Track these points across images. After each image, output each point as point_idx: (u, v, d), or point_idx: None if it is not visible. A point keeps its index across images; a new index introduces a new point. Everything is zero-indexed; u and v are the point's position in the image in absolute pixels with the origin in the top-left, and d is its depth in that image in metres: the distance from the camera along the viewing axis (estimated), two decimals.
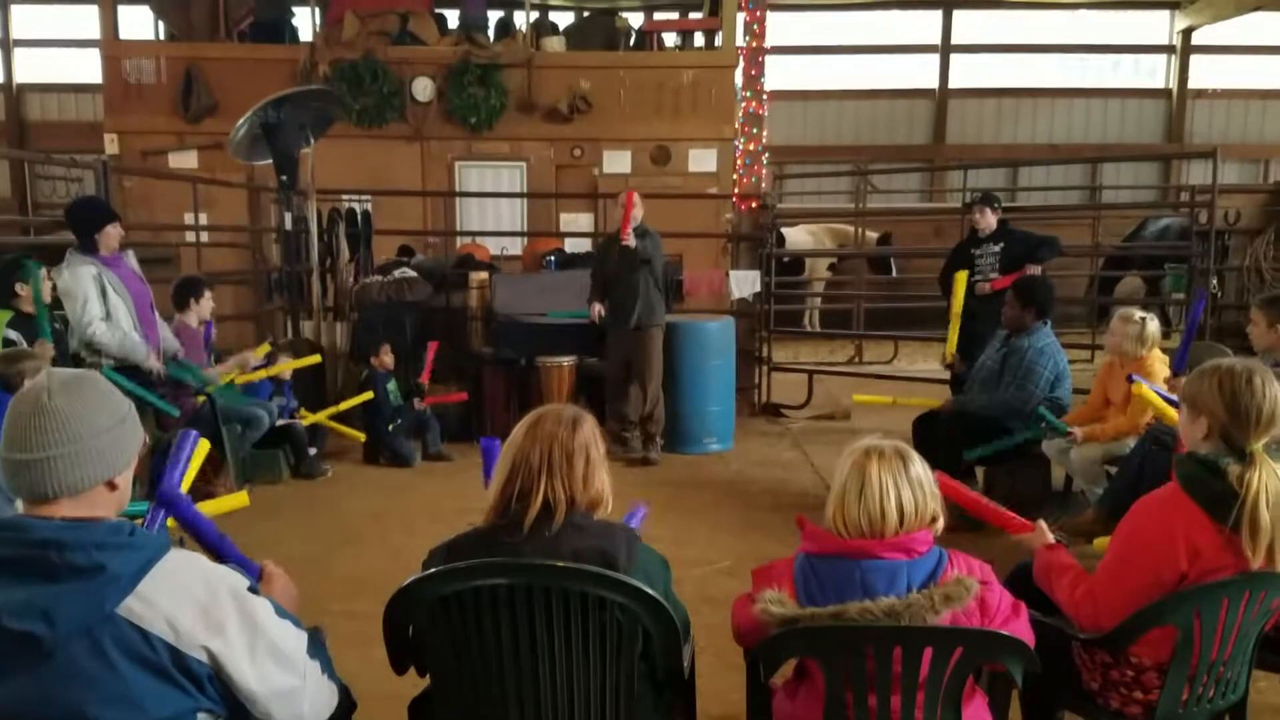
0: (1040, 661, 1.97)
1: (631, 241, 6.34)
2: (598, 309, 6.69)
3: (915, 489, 2.07)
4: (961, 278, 6.11)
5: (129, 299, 5.16)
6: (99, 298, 5.03)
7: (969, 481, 5.16)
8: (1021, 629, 2.06)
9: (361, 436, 6.58)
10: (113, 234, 5.13)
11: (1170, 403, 3.93)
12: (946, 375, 7.00)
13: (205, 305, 5.99)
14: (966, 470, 5.17)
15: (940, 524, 2.11)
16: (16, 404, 1.64)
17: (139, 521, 2.58)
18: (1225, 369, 2.29)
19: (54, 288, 4.96)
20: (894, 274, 12.41)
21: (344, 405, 6.70)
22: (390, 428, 6.62)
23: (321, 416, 6.51)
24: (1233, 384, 2.25)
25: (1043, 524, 2.64)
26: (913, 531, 2.06)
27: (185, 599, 1.61)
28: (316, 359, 6.81)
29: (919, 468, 2.11)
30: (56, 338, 4.87)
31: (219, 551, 2.04)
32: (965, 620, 2.00)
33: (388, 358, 6.83)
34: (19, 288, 4.83)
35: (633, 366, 6.61)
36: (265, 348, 6.38)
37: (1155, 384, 4.65)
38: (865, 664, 1.95)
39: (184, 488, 2.82)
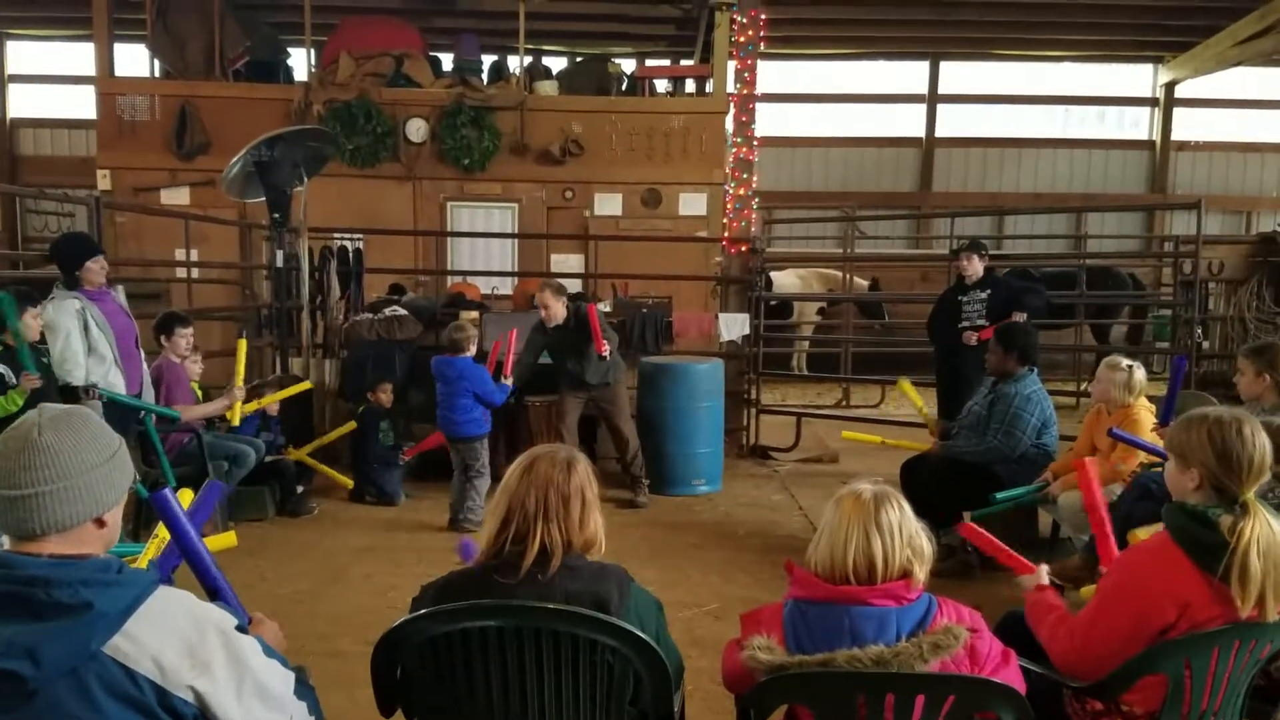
0: (1031, 709, 1.97)
1: (606, 353, 6.29)
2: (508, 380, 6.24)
3: (888, 537, 2.05)
4: (906, 387, 6.39)
5: (111, 334, 5.14)
6: (80, 333, 5.01)
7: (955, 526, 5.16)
8: (1012, 677, 2.05)
9: (349, 483, 6.54)
10: (94, 269, 5.11)
11: (1156, 454, 3.94)
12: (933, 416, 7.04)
13: (179, 342, 5.91)
14: (955, 515, 5.17)
15: (919, 577, 2.07)
16: (6, 439, 1.63)
17: (143, 561, 2.57)
18: (1214, 419, 2.30)
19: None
20: (886, 319, 12.50)
21: (328, 438, 6.66)
22: (376, 466, 6.58)
23: (303, 453, 6.47)
24: (1223, 434, 2.26)
25: (1044, 568, 2.69)
26: (891, 580, 2.05)
27: (172, 637, 1.59)
28: (308, 385, 6.75)
29: (894, 515, 2.08)
30: (46, 372, 4.84)
31: (214, 588, 2.02)
32: (955, 668, 1.99)
33: (385, 396, 6.81)
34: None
35: (606, 415, 6.61)
36: (242, 344, 6.25)
37: (1141, 433, 4.68)
38: (857, 711, 1.94)
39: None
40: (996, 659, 2.06)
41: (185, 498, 2.76)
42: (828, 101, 16.47)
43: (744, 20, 8.76)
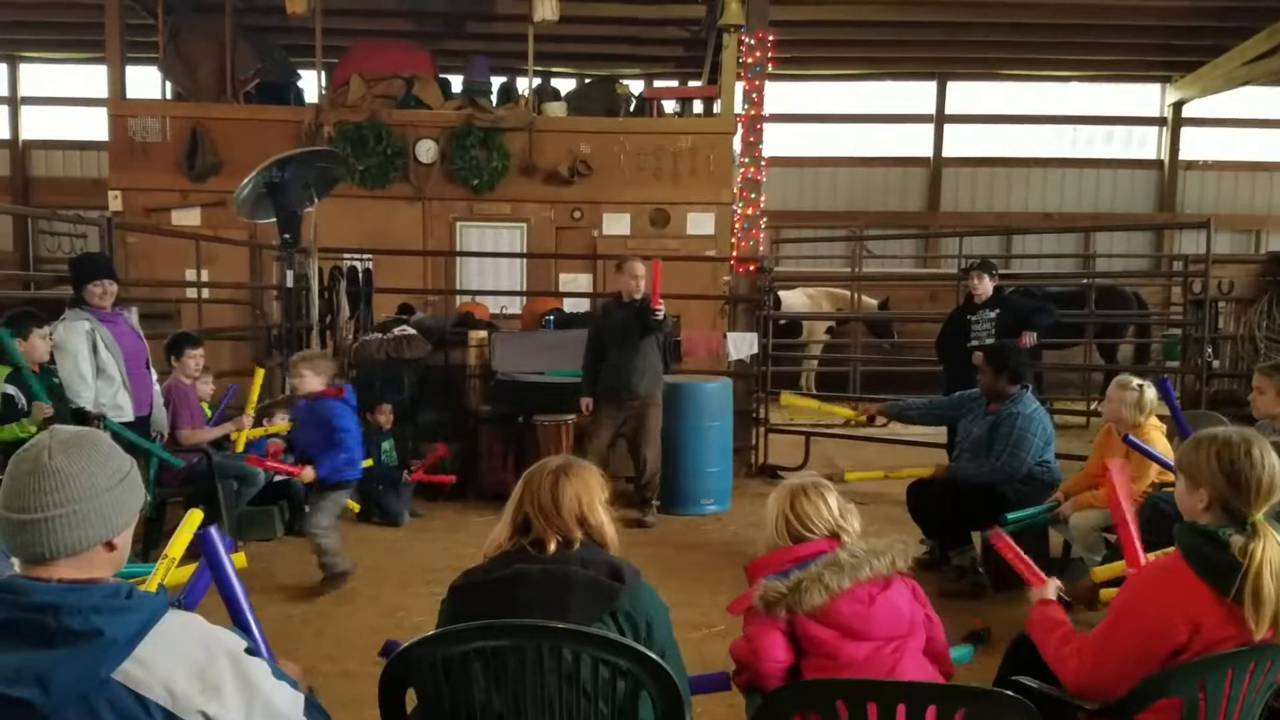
0: None
1: (662, 312, 6.30)
2: (587, 403, 6.57)
3: (811, 522, 2.48)
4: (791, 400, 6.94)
5: (119, 355, 5.16)
6: (89, 354, 5.03)
7: (966, 546, 5.15)
8: (938, 631, 2.50)
9: (355, 505, 6.52)
10: (95, 292, 5.10)
11: (1170, 468, 3.92)
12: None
13: (189, 363, 5.93)
14: (963, 535, 5.16)
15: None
16: (17, 462, 1.63)
17: (153, 584, 2.59)
18: (1223, 440, 2.29)
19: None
20: (896, 338, 12.50)
21: None
22: (380, 487, 6.57)
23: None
24: (1231, 455, 2.25)
25: (1053, 581, 2.71)
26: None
27: (182, 662, 1.59)
28: None
29: (812, 505, 2.49)
30: (57, 393, 4.86)
31: (245, 626, 2.02)
32: (910, 595, 2.44)
33: (384, 417, 6.81)
34: (19, 344, 4.83)
35: (634, 435, 6.55)
36: (259, 372, 6.27)
37: (1154, 449, 4.66)
38: None
39: (179, 551, 2.85)
40: (929, 607, 2.51)
41: (196, 516, 2.78)
42: (835, 122, 16.52)
43: (751, 41, 8.81)
